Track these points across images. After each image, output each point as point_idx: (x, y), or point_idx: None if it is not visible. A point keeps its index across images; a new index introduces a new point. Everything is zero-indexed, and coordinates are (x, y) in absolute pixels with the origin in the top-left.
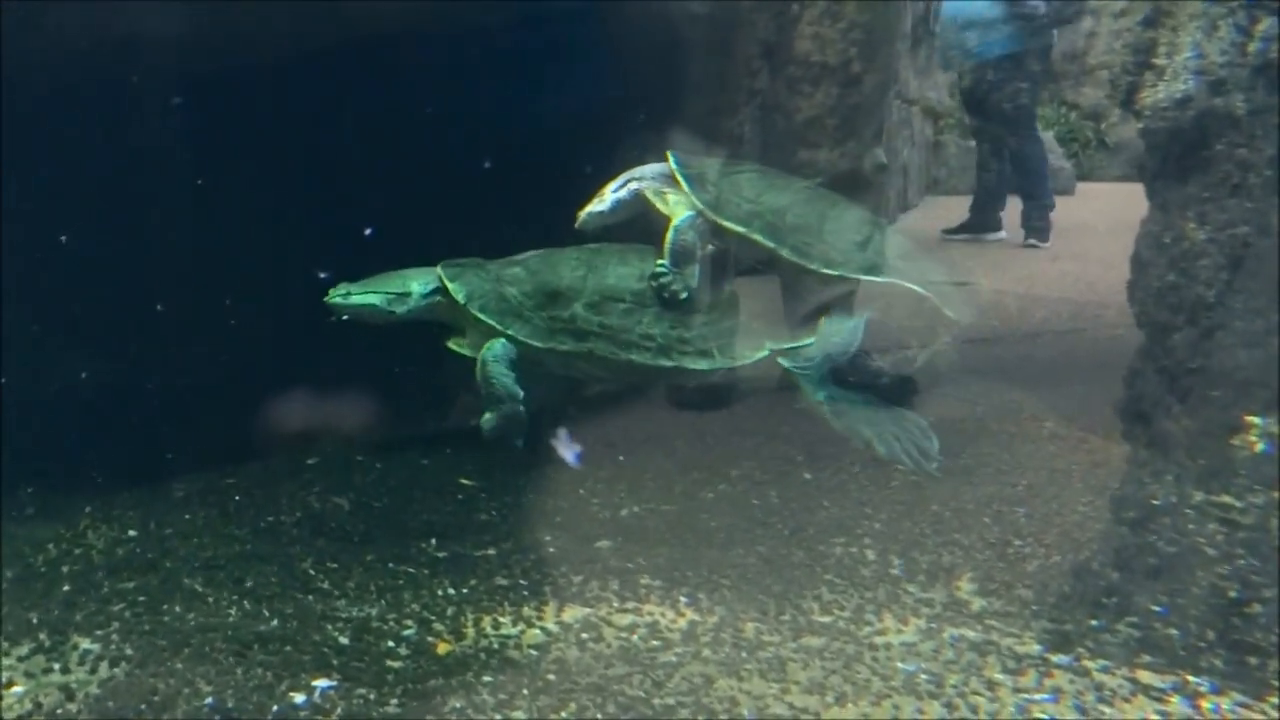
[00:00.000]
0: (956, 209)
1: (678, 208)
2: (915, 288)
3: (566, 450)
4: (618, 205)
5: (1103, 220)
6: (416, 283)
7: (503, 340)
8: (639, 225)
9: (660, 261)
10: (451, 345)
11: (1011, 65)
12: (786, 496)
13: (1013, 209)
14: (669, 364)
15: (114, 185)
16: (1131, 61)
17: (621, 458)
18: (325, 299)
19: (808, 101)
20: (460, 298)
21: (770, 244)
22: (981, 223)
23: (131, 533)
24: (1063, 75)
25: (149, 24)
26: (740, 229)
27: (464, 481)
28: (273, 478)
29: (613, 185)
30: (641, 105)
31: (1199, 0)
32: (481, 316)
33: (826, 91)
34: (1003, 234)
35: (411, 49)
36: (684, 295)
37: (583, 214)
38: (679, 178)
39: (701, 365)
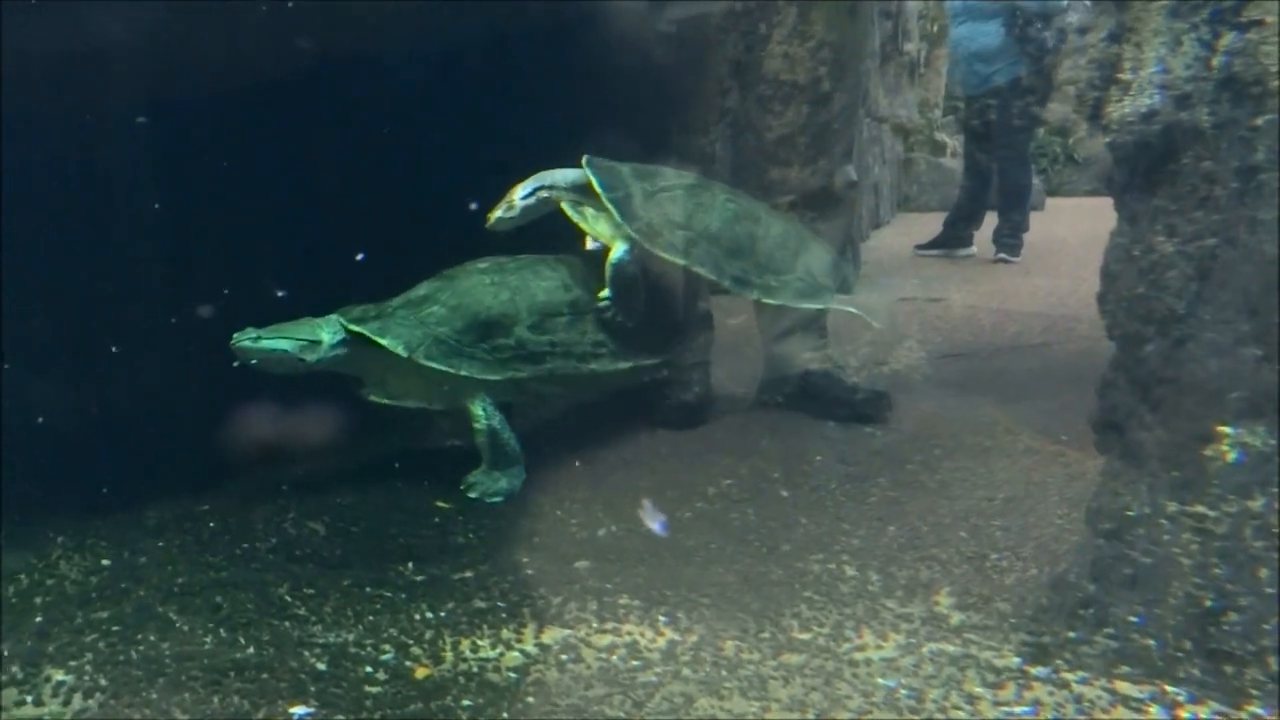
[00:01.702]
0: (928, 225)
1: (597, 224)
2: (849, 309)
3: (652, 520)
4: (525, 212)
5: (1073, 234)
6: (325, 331)
7: (484, 397)
8: (548, 221)
9: (603, 294)
10: (374, 398)
11: (1017, 93)
12: (764, 514)
13: (985, 225)
14: (627, 365)
15: (79, 210)
16: (1097, 77)
17: (578, 464)
18: (231, 343)
19: (778, 120)
20: (400, 350)
21: (711, 275)
22: (954, 239)
23: (104, 562)
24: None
25: (105, 41)
26: (680, 260)
27: (440, 504)
28: (247, 503)
29: (521, 191)
30: (612, 124)
31: (1162, 14)
32: (430, 364)
33: (797, 110)
34: (974, 249)
35: (379, 66)
36: (629, 325)
37: (492, 217)
38: (608, 204)
39: (656, 360)
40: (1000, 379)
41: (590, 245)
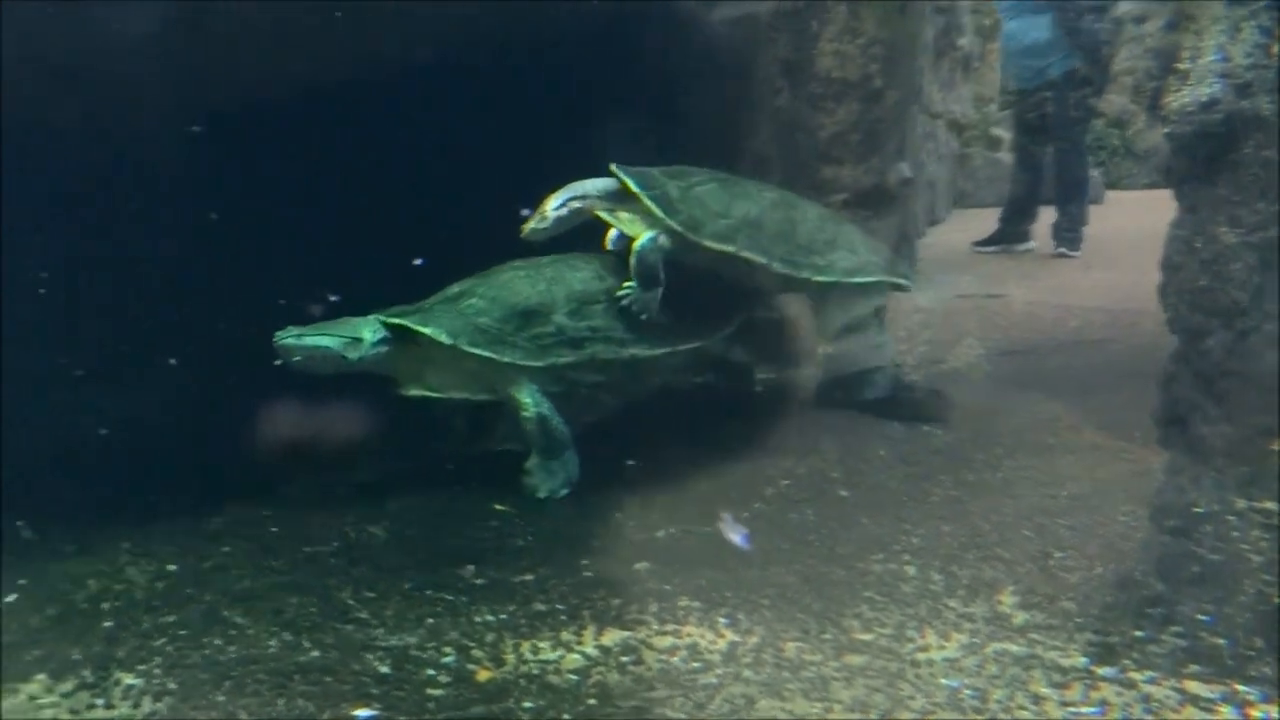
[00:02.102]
0: (985, 221)
1: (633, 225)
2: (898, 280)
3: (733, 533)
4: (559, 223)
5: (1133, 227)
6: (366, 329)
7: (529, 384)
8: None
9: (627, 284)
10: (415, 391)
11: (1072, 85)
12: (823, 514)
13: (1043, 219)
14: (665, 349)
15: (151, 221)
16: (1155, 66)
17: (635, 466)
18: (274, 341)
19: (830, 118)
20: (444, 338)
21: (761, 259)
22: (1011, 234)
23: (171, 567)
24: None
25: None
26: (727, 248)
27: (498, 507)
28: (307, 508)
29: (553, 203)
30: (664, 127)
31: (1221, 1)
32: (473, 351)
33: (848, 108)
34: (1032, 244)
35: (437, 70)
36: (645, 316)
37: (526, 228)
38: (648, 202)
39: (692, 344)
40: (1062, 375)
41: (611, 245)
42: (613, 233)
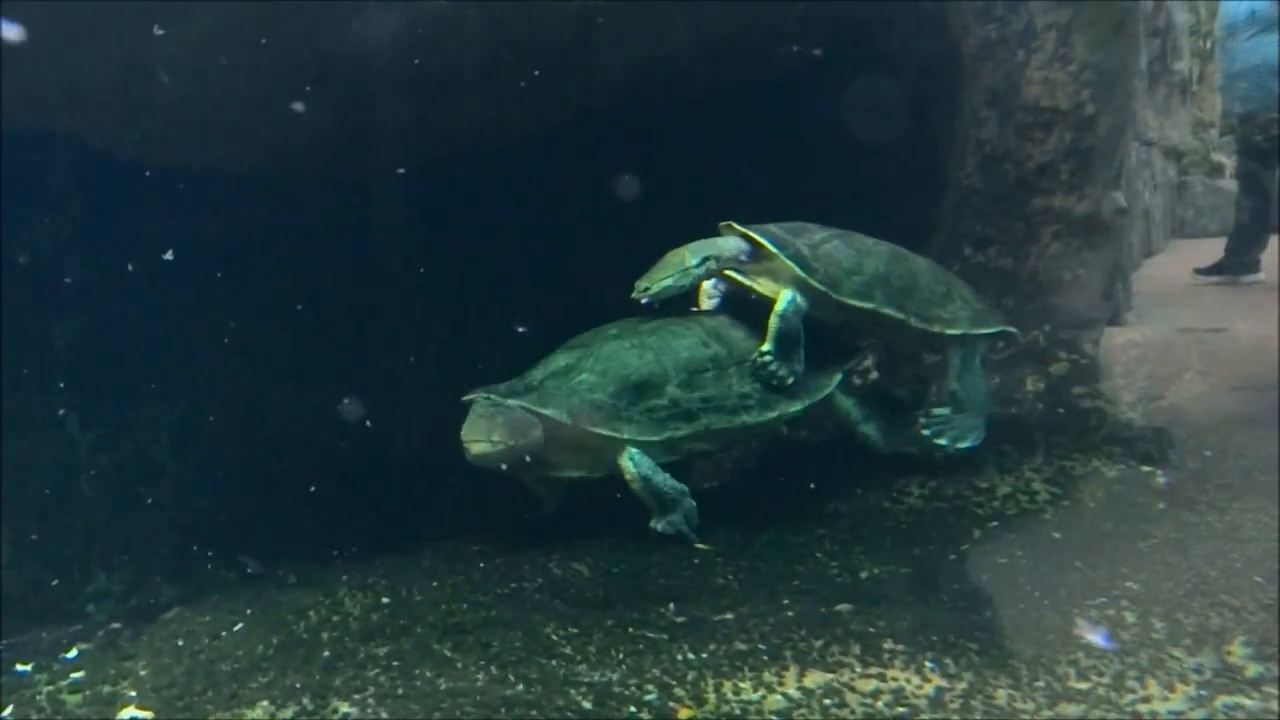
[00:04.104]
0: (1205, 252)
1: (766, 285)
2: (1010, 330)
3: (1094, 635)
4: (694, 281)
5: None
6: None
7: (633, 450)
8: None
9: (765, 349)
10: (537, 472)
11: None
12: (1034, 557)
13: (1274, 249)
14: (774, 415)
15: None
16: None
17: (834, 507)
18: (480, 445)
19: (1039, 148)
20: (564, 418)
21: (899, 315)
22: (1238, 264)
23: (384, 600)
24: None
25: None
26: (868, 305)
27: (699, 545)
28: (513, 544)
29: (693, 260)
30: (865, 162)
31: None
32: (593, 429)
33: (1059, 137)
34: (1261, 276)
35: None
36: (791, 380)
37: (655, 286)
38: (786, 261)
39: (796, 408)
40: None
41: (707, 304)
42: (708, 291)
